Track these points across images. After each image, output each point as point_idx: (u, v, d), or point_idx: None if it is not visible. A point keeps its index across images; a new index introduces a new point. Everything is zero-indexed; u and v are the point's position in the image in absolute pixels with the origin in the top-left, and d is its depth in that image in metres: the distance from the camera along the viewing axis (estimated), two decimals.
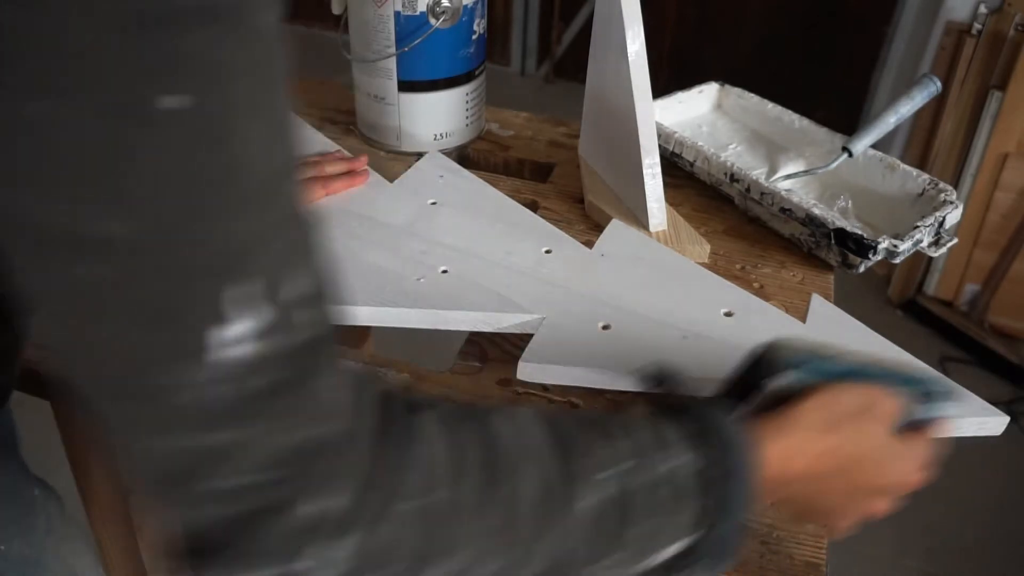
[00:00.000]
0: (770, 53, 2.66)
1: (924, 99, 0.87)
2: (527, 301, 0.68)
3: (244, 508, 0.31)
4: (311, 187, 0.81)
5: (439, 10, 0.85)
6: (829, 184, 0.89)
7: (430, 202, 0.82)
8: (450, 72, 0.91)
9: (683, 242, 0.78)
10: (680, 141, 0.88)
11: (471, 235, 0.77)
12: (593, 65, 0.84)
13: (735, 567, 0.53)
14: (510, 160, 0.97)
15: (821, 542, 0.55)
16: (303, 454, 0.31)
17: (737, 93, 1.00)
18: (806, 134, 0.93)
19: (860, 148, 0.86)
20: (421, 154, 0.91)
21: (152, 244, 0.28)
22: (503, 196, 0.83)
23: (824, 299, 0.73)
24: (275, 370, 0.30)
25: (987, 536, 1.56)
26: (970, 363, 1.89)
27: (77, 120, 0.26)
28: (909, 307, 2.02)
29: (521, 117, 1.04)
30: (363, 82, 0.93)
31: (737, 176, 0.84)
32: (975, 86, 1.82)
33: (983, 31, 1.79)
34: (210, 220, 0.28)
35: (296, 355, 0.31)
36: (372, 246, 0.75)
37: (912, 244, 0.77)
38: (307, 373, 0.32)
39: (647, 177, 0.77)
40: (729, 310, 0.68)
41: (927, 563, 1.49)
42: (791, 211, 0.79)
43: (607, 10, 0.77)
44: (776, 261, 0.80)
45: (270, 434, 0.31)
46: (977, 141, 1.83)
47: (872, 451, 0.46)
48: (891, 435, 0.47)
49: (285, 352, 0.31)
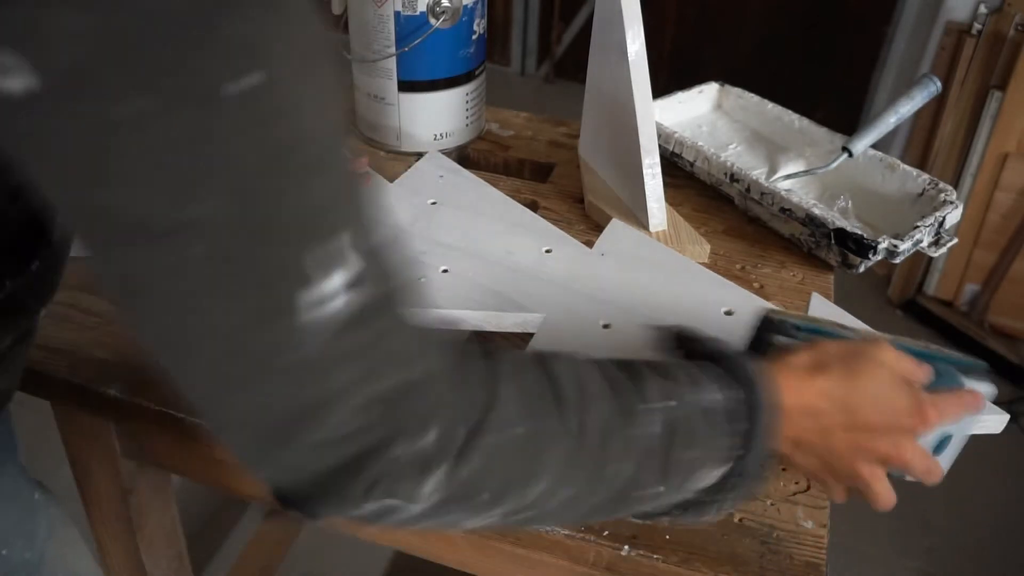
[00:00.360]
0: (770, 53, 2.66)
1: (924, 99, 0.87)
2: (527, 300, 0.68)
3: (347, 453, 0.34)
4: None
5: (439, 10, 0.85)
6: (829, 184, 0.89)
7: (430, 202, 0.82)
8: (450, 72, 0.91)
9: (683, 242, 0.78)
10: (680, 141, 0.88)
11: (471, 235, 0.77)
12: (593, 65, 0.84)
13: (735, 567, 0.53)
14: (510, 160, 0.97)
15: (821, 542, 0.55)
16: (395, 398, 0.34)
17: (737, 93, 1.00)
18: (806, 134, 0.93)
19: (860, 148, 0.86)
20: (421, 154, 0.91)
21: (238, 219, 0.30)
22: (503, 196, 0.83)
23: (824, 299, 0.73)
24: (367, 320, 0.33)
25: (987, 536, 1.56)
26: None
27: (161, 114, 0.27)
28: (909, 307, 2.02)
29: (521, 117, 1.04)
30: (363, 82, 0.93)
31: (737, 176, 0.84)
32: (975, 86, 1.82)
33: (983, 31, 1.79)
34: (288, 188, 0.30)
35: (384, 303, 0.34)
36: None
37: (912, 244, 0.77)
38: (394, 320, 0.34)
39: (647, 177, 0.77)
40: (729, 309, 0.68)
41: (927, 563, 1.49)
42: (791, 211, 0.79)
43: (607, 10, 0.77)
44: (776, 261, 0.80)
45: (366, 381, 0.33)
46: (977, 141, 1.83)
47: (866, 388, 0.47)
48: (888, 377, 0.48)
49: (374, 301, 0.33)
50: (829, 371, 0.47)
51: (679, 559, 0.54)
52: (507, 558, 0.59)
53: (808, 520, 0.56)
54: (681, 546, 0.55)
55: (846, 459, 0.48)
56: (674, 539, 0.55)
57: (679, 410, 0.42)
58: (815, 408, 0.47)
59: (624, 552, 0.55)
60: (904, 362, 0.49)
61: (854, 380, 0.47)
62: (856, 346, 0.49)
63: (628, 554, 0.54)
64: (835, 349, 0.49)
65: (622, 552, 0.55)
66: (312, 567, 1.39)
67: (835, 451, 0.48)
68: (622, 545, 0.55)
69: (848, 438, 0.48)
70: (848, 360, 0.48)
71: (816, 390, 0.47)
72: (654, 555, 0.54)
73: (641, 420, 0.41)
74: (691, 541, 0.55)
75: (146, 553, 0.85)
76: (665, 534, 0.55)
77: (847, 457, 0.48)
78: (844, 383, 0.47)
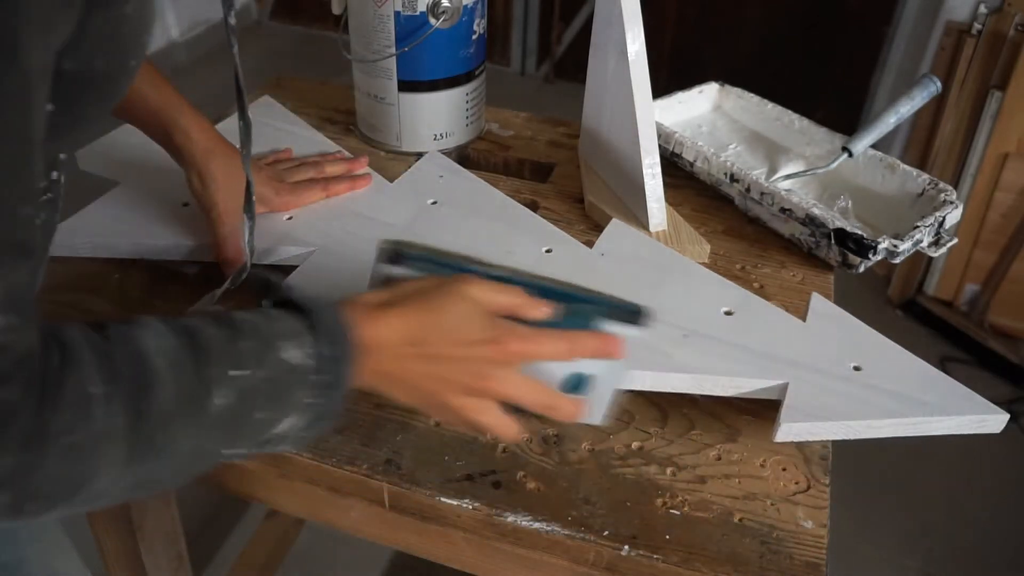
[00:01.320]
0: (770, 53, 2.66)
1: (924, 99, 0.87)
2: None
3: None
4: (311, 188, 0.81)
5: (439, 10, 0.85)
6: (829, 184, 0.89)
7: (430, 202, 0.82)
8: (450, 72, 0.91)
9: (683, 242, 0.78)
10: (680, 141, 0.89)
11: (471, 235, 0.77)
12: (593, 65, 0.84)
13: (735, 566, 0.53)
14: (510, 160, 0.97)
15: (821, 542, 0.55)
16: None
17: (737, 93, 1.00)
18: (806, 134, 0.93)
19: (860, 148, 0.86)
20: (421, 154, 0.91)
21: None
22: (503, 196, 0.83)
23: (824, 298, 0.73)
24: None
25: (987, 536, 1.56)
26: (970, 363, 1.89)
27: None
28: (909, 307, 2.02)
29: (521, 117, 1.04)
30: (363, 82, 0.93)
31: (737, 176, 0.84)
32: (975, 86, 1.82)
33: (983, 31, 1.79)
34: None
35: None
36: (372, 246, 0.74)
37: (912, 244, 0.77)
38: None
39: (647, 177, 0.77)
40: (729, 309, 0.68)
41: (927, 563, 1.49)
42: (791, 211, 0.79)
43: (607, 10, 0.77)
44: (776, 261, 0.80)
45: None
46: (977, 141, 1.83)
47: (438, 320, 0.48)
48: (465, 308, 0.48)
49: None
50: (404, 305, 0.48)
51: (679, 559, 0.54)
52: (507, 558, 0.59)
53: (808, 520, 0.56)
54: (681, 546, 0.55)
55: (434, 392, 0.49)
56: (674, 539, 0.55)
57: (261, 370, 0.43)
58: (389, 343, 0.47)
59: (624, 552, 0.55)
60: (492, 294, 0.49)
61: (427, 313, 0.48)
62: (439, 280, 0.50)
63: (628, 554, 0.54)
64: (415, 285, 0.50)
65: (622, 552, 0.55)
66: (312, 567, 1.39)
67: (419, 385, 0.49)
68: (622, 545, 0.55)
69: (426, 370, 0.48)
70: (425, 293, 0.49)
71: (388, 326, 0.47)
72: (654, 555, 0.54)
73: (222, 386, 0.42)
74: (691, 541, 0.55)
75: (146, 553, 0.85)
76: (665, 534, 0.55)
77: (433, 390, 0.49)
78: (417, 316, 0.48)
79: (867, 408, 0.59)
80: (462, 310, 0.48)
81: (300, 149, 0.90)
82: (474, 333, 0.48)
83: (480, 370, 0.48)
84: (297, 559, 1.37)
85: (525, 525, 0.56)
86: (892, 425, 0.59)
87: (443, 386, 0.49)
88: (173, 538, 0.90)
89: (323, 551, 1.41)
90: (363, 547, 1.40)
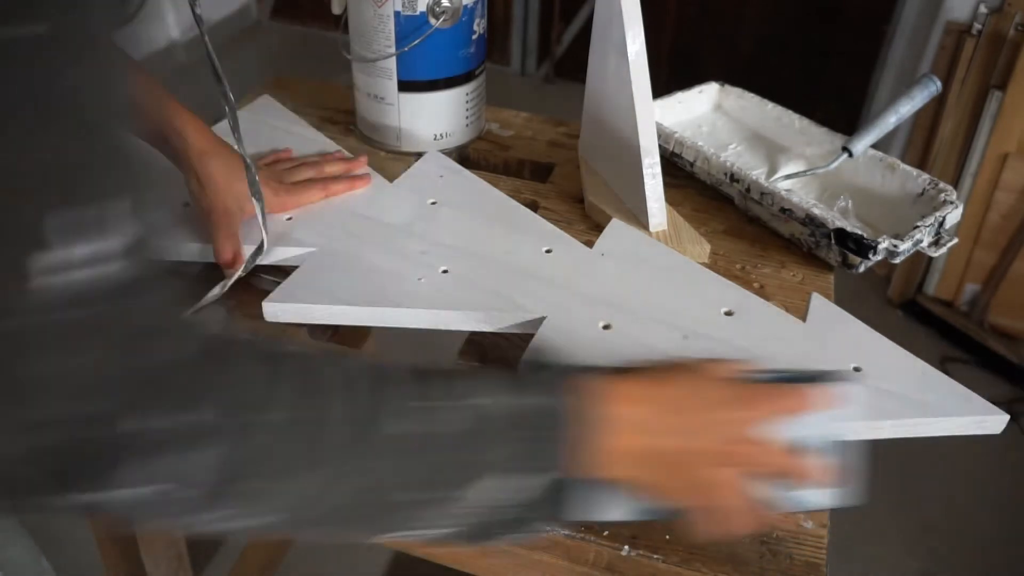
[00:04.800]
0: (770, 53, 2.66)
1: (924, 99, 0.87)
2: (527, 301, 0.68)
3: (67, 436, 0.31)
4: (310, 188, 0.81)
5: (439, 10, 0.85)
6: (829, 184, 0.89)
7: (430, 202, 0.82)
8: (450, 72, 0.91)
9: (683, 242, 0.78)
10: (680, 141, 0.88)
11: (471, 235, 0.77)
12: (593, 65, 0.84)
13: (735, 566, 0.53)
14: (510, 160, 0.97)
15: (821, 542, 0.55)
16: (128, 382, 0.32)
17: (737, 93, 1.00)
18: (806, 134, 0.93)
19: (860, 148, 0.86)
20: (421, 154, 0.91)
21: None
22: (503, 196, 0.83)
23: (824, 298, 0.73)
24: (97, 301, 0.31)
25: (987, 536, 1.56)
26: (970, 363, 1.89)
27: None
28: (909, 307, 2.02)
29: (521, 117, 1.04)
30: (363, 82, 0.93)
31: (737, 176, 0.84)
32: (975, 86, 1.82)
33: (983, 31, 1.79)
34: (41, 143, 0.29)
35: (120, 288, 0.31)
36: (372, 246, 0.75)
37: (912, 244, 0.77)
38: (130, 307, 0.32)
39: (647, 177, 0.77)
40: (729, 309, 0.68)
41: (927, 563, 1.49)
42: (791, 211, 0.79)
43: (607, 10, 0.77)
44: (776, 261, 0.80)
45: (96, 362, 0.31)
46: (977, 141, 1.83)
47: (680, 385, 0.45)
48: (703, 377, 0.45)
49: (110, 284, 0.31)
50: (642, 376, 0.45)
51: (679, 559, 0.54)
52: (507, 558, 0.59)
53: (808, 520, 0.56)
54: (681, 546, 0.55)
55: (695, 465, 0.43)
56: (674, 539, 0.55)
57: (480, 410, 0.40)
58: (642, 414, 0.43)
59: (624, 552, 0.55)
60: (721, 364, 0.46)
61: (666, 383, 0.45)
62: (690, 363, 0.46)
63: (628, 554, 0.54)
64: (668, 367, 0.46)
65: (622, 552, 0.55)
66: (312, 567, 1.39)
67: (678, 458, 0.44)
68: (622, 545, 0.55)
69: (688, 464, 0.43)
70: (659, 369, 0.46)
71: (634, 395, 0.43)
72: (654, 555, 0.54)
73: (395, 416, 0.39)
74: (691, 541, 0.55)
75: (146, 553, 0.86)
76: (665, 534, 0.55)
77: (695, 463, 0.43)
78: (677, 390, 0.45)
79: (867, 408, 0.59)
80: (702, 378, 0.45)
81: (300, 149, 0.90)
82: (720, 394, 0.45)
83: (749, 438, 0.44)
84: (297, 559, 1.37)
85: None
86: (892, 426, 0.59)
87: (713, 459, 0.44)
88: (173, 538, 0.90)
89: (323, 552, 1.41)
90: (363, 547, 1.40)
